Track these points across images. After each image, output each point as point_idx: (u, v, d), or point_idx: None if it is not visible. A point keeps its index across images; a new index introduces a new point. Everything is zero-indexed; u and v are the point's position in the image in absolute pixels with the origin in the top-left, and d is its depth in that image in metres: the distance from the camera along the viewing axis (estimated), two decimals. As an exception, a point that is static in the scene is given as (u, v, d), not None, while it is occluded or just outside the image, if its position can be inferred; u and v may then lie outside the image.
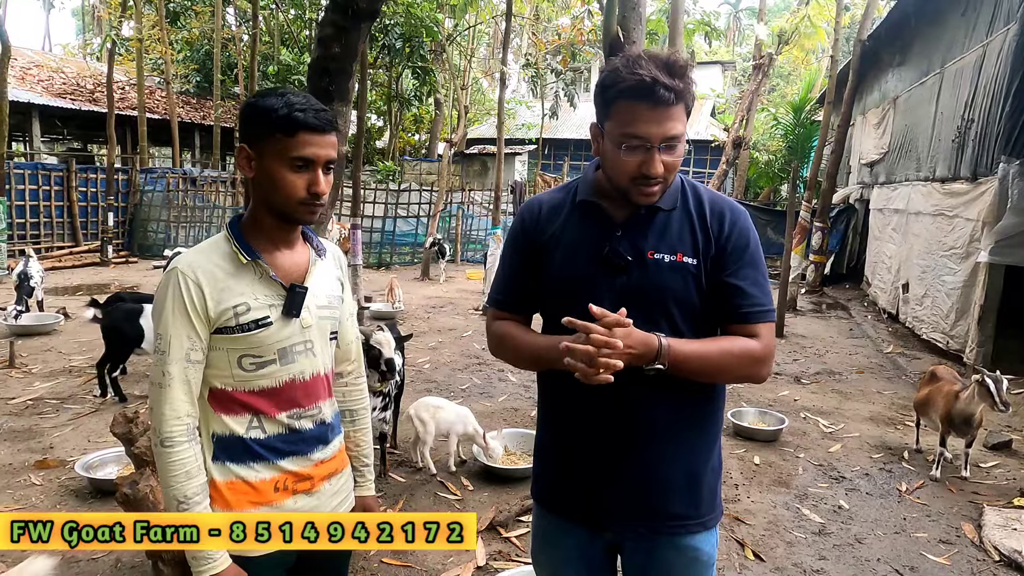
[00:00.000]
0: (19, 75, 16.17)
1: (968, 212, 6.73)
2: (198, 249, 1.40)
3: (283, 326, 1.38)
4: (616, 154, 1.32)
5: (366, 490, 1.67)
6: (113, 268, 12.54)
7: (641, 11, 3.94)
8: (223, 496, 1.38)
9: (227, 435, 1.39)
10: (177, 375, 1.32)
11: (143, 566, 2.88)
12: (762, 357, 1.38)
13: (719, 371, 1.37)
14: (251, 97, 1.39)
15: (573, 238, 1.44)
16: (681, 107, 1.29)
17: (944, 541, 3.40)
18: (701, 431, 1.46)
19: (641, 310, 1.34)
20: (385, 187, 15.46)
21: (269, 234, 1.41)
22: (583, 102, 24.03)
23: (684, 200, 1.42)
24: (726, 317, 1.39)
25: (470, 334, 7.95)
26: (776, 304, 1.38)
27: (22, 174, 12.66)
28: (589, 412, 1.41)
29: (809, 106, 16.97)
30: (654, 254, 1.38)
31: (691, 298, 1.38)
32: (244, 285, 1.36)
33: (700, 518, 1.45)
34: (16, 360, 5.88)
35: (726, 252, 1.38)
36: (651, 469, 1.41)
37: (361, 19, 3.45)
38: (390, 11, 15.87)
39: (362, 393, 1.69)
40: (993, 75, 6.64)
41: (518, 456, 4.25)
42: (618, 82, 1.27)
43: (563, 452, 1.51)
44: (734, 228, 1.39)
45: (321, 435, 1.48)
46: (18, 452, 4.12)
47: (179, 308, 1.32)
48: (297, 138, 1.30)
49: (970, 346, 6.40)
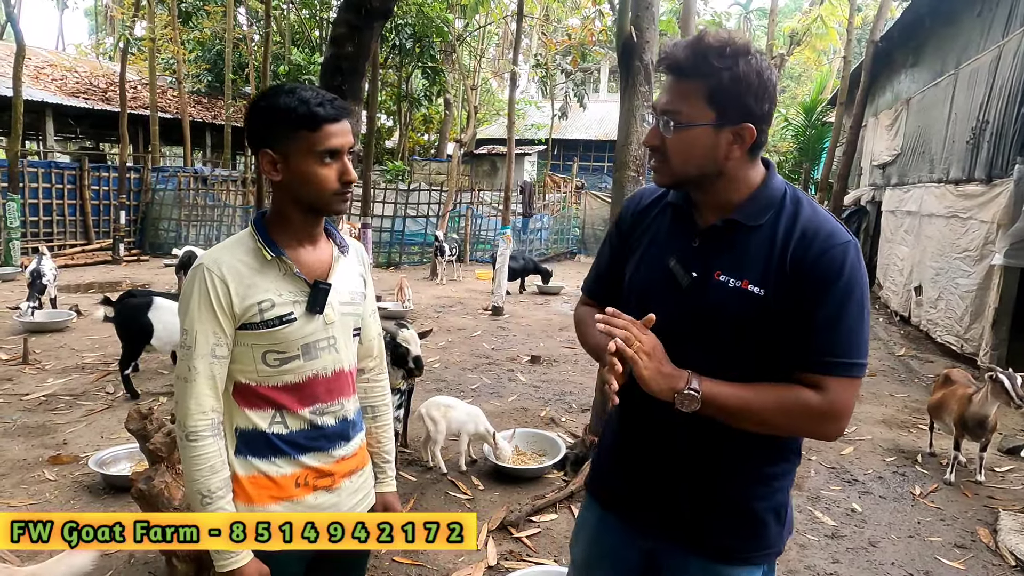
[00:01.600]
0: (33, 74, 16.30)
1: (982, 214, 6.67)
2: (223, 246, 1.40)
3: (307, 322, 1.39)
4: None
5: (387, 487, 1.67)
6: (125, 266, 12.62)
7: (654, 10, 3.94)
8: (245, 491, 1.38)
9: (250, 429, 1.40)
10: (203, 370, 1.33)
11: (156, 562, 2.90)
12: (823, 413, 1.19)
13: (763, 421, 1.21)
14: (258, 99, 1.36)
15: (654, 240, 1.38)
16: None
17: (959, 546, 3.37)
18: (757, 468, 1.33)
19: (693, 336, 1.25)
20: (395, 187, 15.49)
21: (295, 231, 1.41)
22: (593, 102, 24.00)
23: (776, 217, 1.24)
24: (794, 363, 1.21)
25: (479, 334, 7.95)
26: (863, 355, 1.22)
27: (36, 172, 12.77)
28: (647, 420, 1.36)
29: (821, 107, 16.87)
30: (720, 275, 1.24)
31: (752, 334, 1.22)
32: (269, 281, 1.36)
33: (742, 551, 1.34)
34: (30, 356, 5.93)
35: (803, 284, 1.18)
36: (695, 492, 1.34)
37: (374, 18, 3.46)
38: (401, 11, 15.92)
39: (384, 389, 1.69)
40: (1009, 76, 6.58)
41: (529, 456, 4.24)
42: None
43: (619, 452, 1.47)
44: (822, 257, 1.18)
45: (343, 432, 1.48)
46: (32, 448, 4.15)
47: (205, 304, 1.32)
48: (322, 131, 1.31)
49: (984, 349, 6.34)
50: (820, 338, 1.19)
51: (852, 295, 1.19)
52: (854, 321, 1.19)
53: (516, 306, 9.85)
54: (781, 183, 1.30)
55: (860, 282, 1.20)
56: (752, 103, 1.20)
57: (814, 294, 1.18)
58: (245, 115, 1.42)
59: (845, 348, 1.19)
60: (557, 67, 20.46)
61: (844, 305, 1.18)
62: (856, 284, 1.19)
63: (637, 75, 3.85)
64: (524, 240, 15.94)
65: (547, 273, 11.57)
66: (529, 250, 15.28)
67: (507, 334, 8.08)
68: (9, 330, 6.95)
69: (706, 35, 1.21)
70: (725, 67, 1.17)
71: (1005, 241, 6.01)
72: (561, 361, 6.87)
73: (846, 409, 1.20)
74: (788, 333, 1.20)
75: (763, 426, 1.23)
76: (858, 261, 1.20)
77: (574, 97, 21.63)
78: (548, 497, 3.61)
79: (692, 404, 1.19)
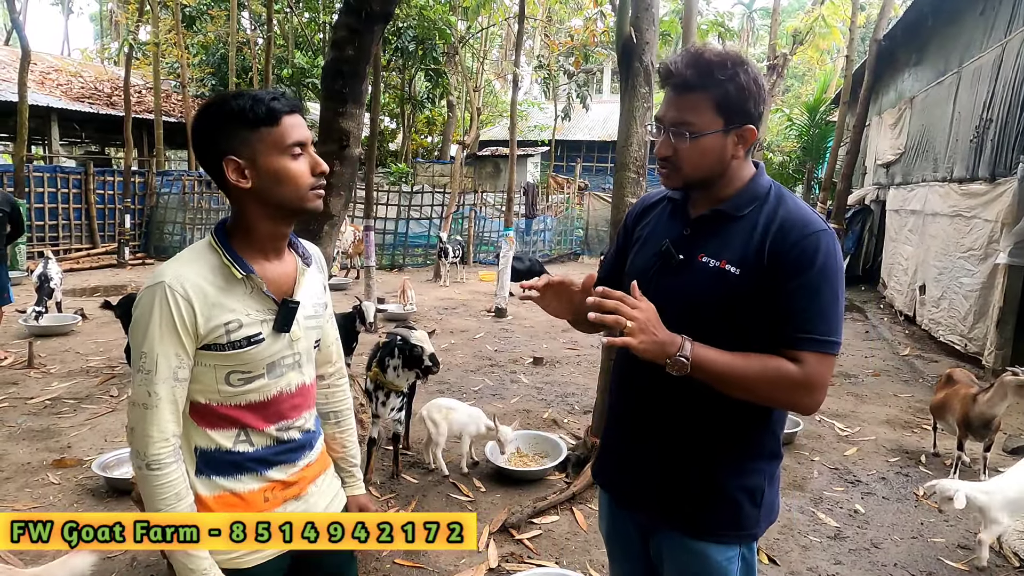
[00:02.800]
0: (39, 80, 16.40)
1: (986, 213, 6.64)
2: (183, 260, 1.31)
3: (273, 341, 1.34)
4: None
5: (358, 489, 1.66)
6: (130, 270, 12.67)
7: (654, 12, 3.93)
8: (212, 511, 1.34)
9: (212, 449, 1.34)
10: (164, 395, 1.25)
11: (159, 565, 2.91)
12: (801, 384, 1.29)
13: (747, 387, 1.31)
14: (204, 110, 1.30)
15: (653, 231, 1.52)
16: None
17: (962, 546, 3.36)
18: (730, 442, 1.41)
19: (678, 313, 1.34)
20: (398, 189, 15.51)
21: (261, 244, 1.35)
22: (596, 103, 23.99)
23: (759, 209, 1.38)
24: (774, 341, 1.32)
25: (482, 335, 7.96)
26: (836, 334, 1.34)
27: (41, 177, 12.83)
28: (627, 399, 1.52)
29: (824, 107, 16.79)
30: (703, 257, 1.37)
31: (730, 310, 1.34)
32: (235, 301, 1.30)
33: (711, 528, 1.42)
34: (35, 360, 5.96)
35: (779, 268, 1.30)
36: (669, 465, 1.45)
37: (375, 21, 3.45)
38: (403, 14, 15.93)
39: (345, 394, 1.66)
40: (1012, 74, 6.55)
41: (530, 458, 4.24)
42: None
43: (607, 430, 1.63)
44: (798, 245, 1.30)
45: (307, 442, 1.46)
46: (36, 451, 4.17)
47: (167, 325, 1.24)
48: (283, 124, 1.27)
49: (989, 349, 6.31)
50: (798, 317, 1.30)
51: (826, 278, 1.30)
52: (827, 302, 1.31)
53: (519, 307, 9.85)
54: (768, 181, 1.44)
55: (833, 267, 1.32)
56: (752, 107, 1.35)
57: (791, 278, 1.30)
58: (192, 130, 1.34)
59: (820, 326, 1.30)
60: (560, 68, 20.47)
61: (819, 288, 1.30)
62: (829, 269, 1.31)
63: (637, 76, 3.84)
64: (527, 241, 15.94)
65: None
66: (533, 251, 15.28)
67: (510, 336, 8.08)
68: (15, 334, 6.98)
69: (704, 51, 1.33)
70: (728, 78, 1.31)
71: (1009, 240, 5.99)
72: (564, 362, 6.86)
73: (821, 382, 1.31)
74: (767, 312, 1.32)
75: (748, 393, 1.32)
76: (833, 248, 1.32)
77: (577, 98, 21.63)
78: (550, 499, 3.61)
79: (682, 369, 1.27)
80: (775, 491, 1.49)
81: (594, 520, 3.50)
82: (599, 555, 3.17)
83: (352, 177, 3.56)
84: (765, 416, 1.42)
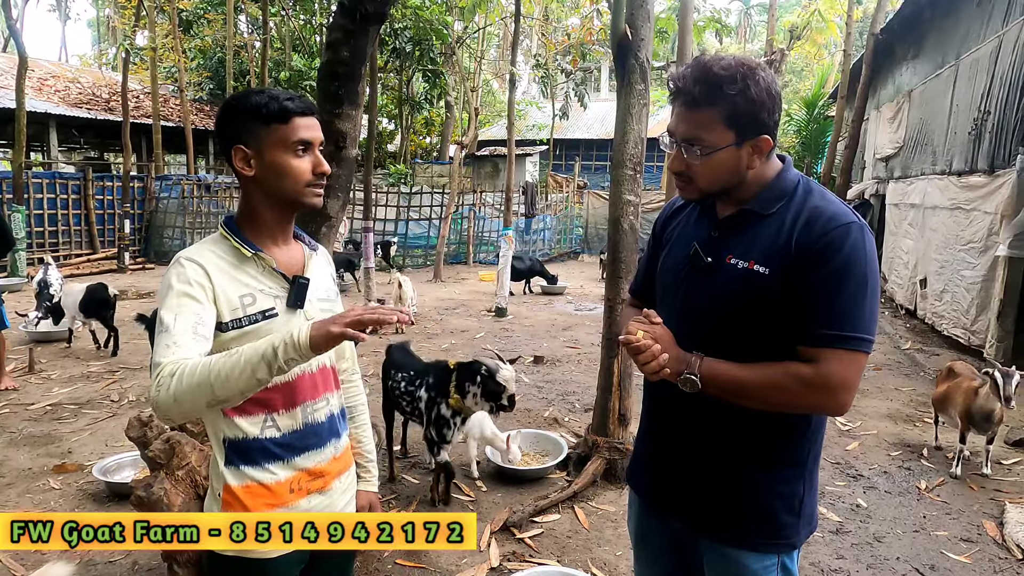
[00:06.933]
0: (37, 86, 16.41)
1: (986, 205, 6.63)
2: (198, 245, 1.39)
3: (289, 318, 1.39)
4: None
5: (371, 485, 1.69)
6: (130, 275, 12.68)
7: (649, 8, 3.92)
8: (240, 500, 1.37)
9: (240, 438, 1.38)
10: (183, 342, 1.22)
11: (160, 568, 2.90)
12: (816, 384, 1.23)
13: (760, 397, 1.27)
14: (230, 100, 1.41)
15: (682, 233, 1.49)
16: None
17: (965, 539, 3.35)
18: (764, 449, 1.37)
19: (706, 316, 1.33)
20: (397, 190, 15.52)
21: (268, 229, 1.43)
22: (594, 102, 23.98)
23: (787, 205, 1.33)
24: (795, 338, 1.26)
25: (483, 335, 7.95)
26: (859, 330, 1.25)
27: (40, 183, 12.84)
28: (661, 406, 1.49)
29: (822, 101, 16.79)
30: (732, 259, 1.33)
31: (761, 312, 1.29)
32: (248, 277, 1.37)
33: (745, 536, 1.39)
34: (35, 366, 5.96)
35: (805, 261, 1.24)
36: (701, 472, 1.42)
37: (369, 22, 3.44)
38: (399, 15, 15.93)
39: (358, 390, 1.71)
40: (1010, 66, 6.54)
41: (532, 457, 4.24)
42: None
43: (643, 438, 1.60)
44: (824, 238, 1.24)
45: (334, 427, 1.50)
46: (37, 456, 4.17)
47: (184, 287, 1.28)
48: (293, 124, 1.35)
49: (990, 341, 6.30)
50: (816, 312, 1.24)
51: (851, 271, 1.23)
52: (851, 296, 1.23)
53: (520, 307, 9.85)
54: (795, 175, 1.38)
55: (862, 260, 1.24)
56: (766, 117, 1.29)
57: (813, 271, 1.24)
58: (217, 117, 1.44)
59: (840, 321, 1.23)
60: (557, 67, 20.46)
61: (842, 280, 1.23)
62: (856, 262, 1.23)
63: (633, 73, 3.84)
64: (527, 241, 15.94)
65: (551, 276, 11.58)
66: (532, 250, 15.28)
67: (510, 335, 8.08)
68: (16, 340, 6.98)
69: (712, 64, 1.27)
70: (738, 92, 1.25)
71: (1009, 232, 5.98)
72: (564, 361, 6.86)
73: (841, 382, 1.23)
74: (791, 310, 1.26)
75: (763, 403, 1.29)
76: (862, 241, 1.25)
77: (575, 97, 21.63)
78: (551, 498, 3.61)
79: (692, 387, 1.28)
80: (814, 498, 1.43)
81: (595, 518, 3.50)
82: (601, 553, 3.17)
83: (349, 179, 3.55)
84: (801, 422, 1.36)
